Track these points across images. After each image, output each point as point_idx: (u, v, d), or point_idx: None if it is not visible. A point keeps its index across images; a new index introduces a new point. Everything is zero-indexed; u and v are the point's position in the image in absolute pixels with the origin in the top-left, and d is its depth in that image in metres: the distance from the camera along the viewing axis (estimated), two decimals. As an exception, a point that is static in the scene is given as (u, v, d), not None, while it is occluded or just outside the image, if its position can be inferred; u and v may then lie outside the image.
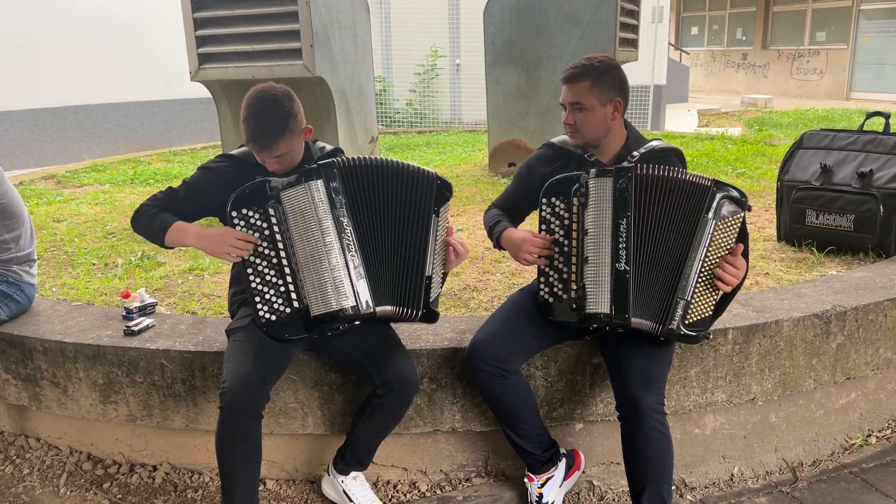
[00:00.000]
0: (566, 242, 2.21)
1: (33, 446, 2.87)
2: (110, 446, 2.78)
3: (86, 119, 9.39)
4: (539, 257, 2.24)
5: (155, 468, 2.72)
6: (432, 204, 2.21)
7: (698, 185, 2.07)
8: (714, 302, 2.13)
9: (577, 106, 2.23)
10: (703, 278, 2.09)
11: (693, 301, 2.09)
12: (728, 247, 2.09)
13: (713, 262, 2.08)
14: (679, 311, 2.09)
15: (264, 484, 2.62)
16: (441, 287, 2.33)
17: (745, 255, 2.12)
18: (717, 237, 2.07)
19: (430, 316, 2.27)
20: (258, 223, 2.16)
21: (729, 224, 2.08)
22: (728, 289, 2.10)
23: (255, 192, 2.16)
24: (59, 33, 8.94)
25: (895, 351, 2.77)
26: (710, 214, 2.06)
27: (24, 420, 2.91)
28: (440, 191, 2.23)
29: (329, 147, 2.41)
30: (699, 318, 2.12)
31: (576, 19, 5.40)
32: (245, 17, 4.32)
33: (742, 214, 2.08)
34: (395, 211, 2.21)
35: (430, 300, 2.25)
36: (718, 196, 2.06)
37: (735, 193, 2.06)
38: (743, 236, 2.10)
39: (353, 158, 2.21)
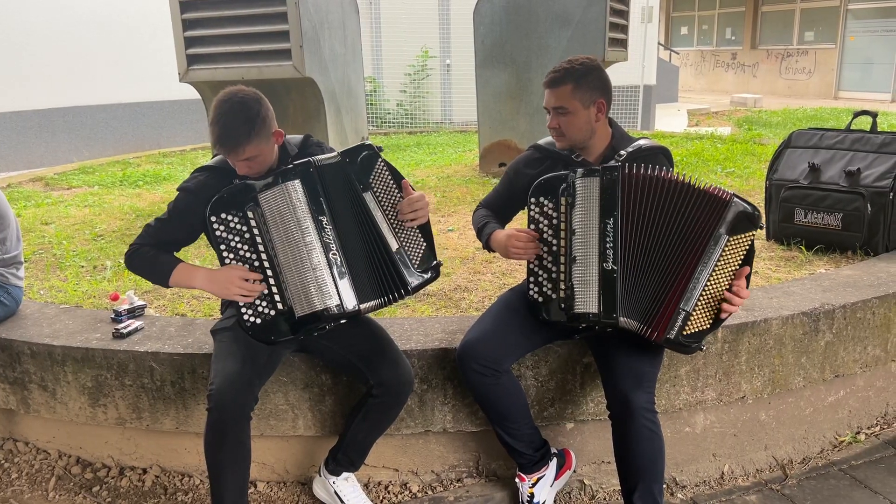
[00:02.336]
0: (554, 242, 2.21)
1: (22, 450, 2.85)
2: (99, 449, 2.76)
3: (75, 121, 9.34)
4: (527, 252, 2.24)
5: (145, 471, 2.70)
6: (357, 181, 2.17)
7: (715, 197, 2.05)
8: (713, 316, 2.14)
9: (561, 110, 2.24)
10: (708, 293, 2.09)
11: (694, 313, 2.10)
12: (736, 263, 2.09)
13: (719, 277, 2.09)
14: (679, 322, 2.10)
15: (255, 486, 2.62)
16: (427, 241, 2.26)
17: (748, 276, 2.12)
18: (728, 253, 2.07)
19: (428, 280, 2.23)
20: (238, 227, 2.15)
21: (740, 242, 2.07)
22: (734, 310, 2.11)
23: (232, 195, 2.14)
24: (48, 35, 8.90)
25: (883, 348, 2.78)
26: (724, 229, 2.05)
27: (13, 424, 2.89)
28: (360, 162, 2.18)
29: (299, 137, 2.38)
30: (697, 329, 2.12)
31: (565, 20, 5.40)
32: (234, 18, 4.31)
33: (753, 233, 2.08)
34: (350, 200, 2.18)
35: (416, 266, 2.21)
36: (735, 211, 2.04)
37: (749, 210, 2.05)
38: (750, 255, 2.10)
39: (327, 156, 2.19)
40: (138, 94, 9.92)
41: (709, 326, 2.14)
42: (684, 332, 2.10)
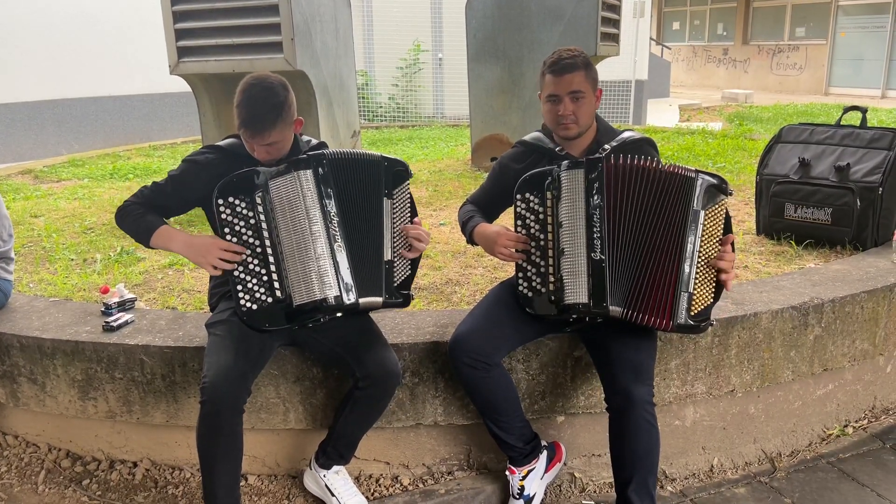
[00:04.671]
0: (542, 236, 2.22)
1: (11, 444, 2.84)
2: (89, 443, 2.75)
3: (64, 113, 9.27)
4: (513, 256, 2.26)
5: (135, 464, 2.70)
6: (383, 187, 2.23)
7: (682, 177, 2.10)
8: (713, 289, 2.17)
9: (578, 94, 2.25)
10: (702, 268, 2.13)
11: (695, 292, 2.13)
12: (718, 234, 2.14)
13: (707, 250, 2.13)
14: (684, 304, 2.12)
15: (246, 479, 2.61)
16: (412, 271, 2.32)
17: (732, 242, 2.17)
18: (708, 225, 2.12)
19: (400, 301, 2.27)
20: (244, 211, 2.16)
21: (716, 211, 2.13)
22: (730, 277, 2.15)
23: (242, 180, 2.15)
24: (37, 27, 8.82)
25: (871, 342, 2.80)
26: (698, 204, 2.09)
27: (2, 417, 2.88)
28: (392, 172, 2.24)
29: (315, 141, 2.42)
30: (703, 307, 2.16)
31: (557, 14, 5.40)
32: (225, 11, 4.28)
33: (725, 200, 2.13)
34: (366, 199, 2.22)
35: (395, 285, 2.25)
36: (703, 185, 2.09)
37: (716, 181, 2.11)
38: (728, 223, 2.16)
39: (341, 150, 2.22)
40: (128, 86, 9.85)
41: (712, 300, 2.18)
42: (692, 313, 2.13)
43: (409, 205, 2.29)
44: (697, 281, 2.13)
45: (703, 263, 2.13)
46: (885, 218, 3.33)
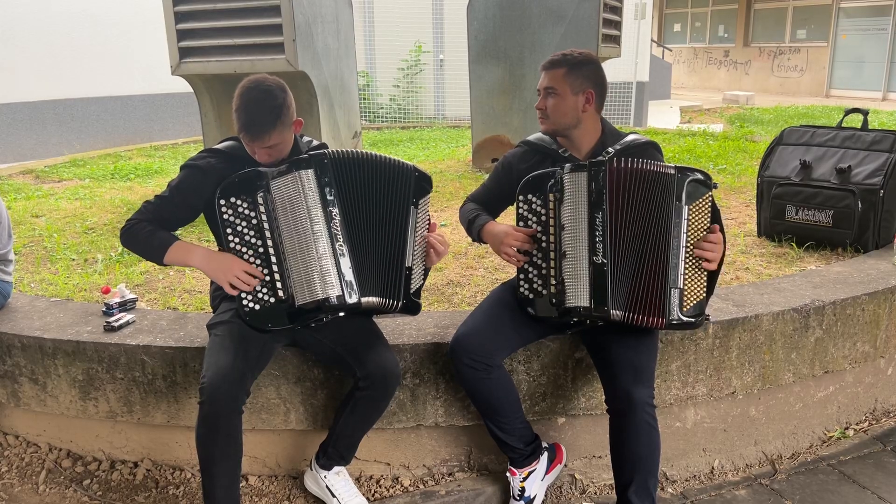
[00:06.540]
0: (544, 238, 2.23)
1: (12, 443, 2.84)
2: (90, 443, 2.75)
3: (65, 113, 9.28)
4: (519, 252, 2.26)
5: (136, 465, 2.70)
6: (411, 195, 2.24)
7: (664, 175, 2.12)
8: (704, 283, 2.18)
9: (550, 91, 2.28)
10: (690, 263, 2.14)
11: (686, 287, 2.14)
12: (704, 227, 2.15)
13: (694, 245, 2.13)
14: (676, 301, 2.13)
15: (246, 480, 2.61)
16: (423, 280, 2.34)
17: (721, 230, 2.18)
18: (693, 220, 2.13)
19: (412, 307, 2.29)
20: (245, 211, 2.16)
21: (701, 206, 2.14)
22: (713, 266, 2.15)
23: (244, 180, 2.16)
24: (38, 26, 8.83)
25: (872, 344, 2.80)
26: (682, 200, 2.11)
27: (2, 417, 2.88)
28: (419, 183, 2.26)
29: (316, 142, 2.42)
30: (695, 302, 2.16)
31: (559, 15, 5.41)
32: (226, 11, 4.29)
33: (710, 193, 2.14)
34: (379, 202, 2.23)
35: (411, 291, 2.26)
36: (685, 181, 2.11)
37: (699, 176, 2.13)
38: (715, 214, 2.17)
39: (343, 150, 2.23)
40: (130, 86, 9.86)
41: (704, 295, 2.18)
42: (683, 309, 2.13)
43: (428, 214, 2.33)
44: (687, 276, 2.14)
45: (691, 258, 2.14)
46: (886, 220, 3.34)
